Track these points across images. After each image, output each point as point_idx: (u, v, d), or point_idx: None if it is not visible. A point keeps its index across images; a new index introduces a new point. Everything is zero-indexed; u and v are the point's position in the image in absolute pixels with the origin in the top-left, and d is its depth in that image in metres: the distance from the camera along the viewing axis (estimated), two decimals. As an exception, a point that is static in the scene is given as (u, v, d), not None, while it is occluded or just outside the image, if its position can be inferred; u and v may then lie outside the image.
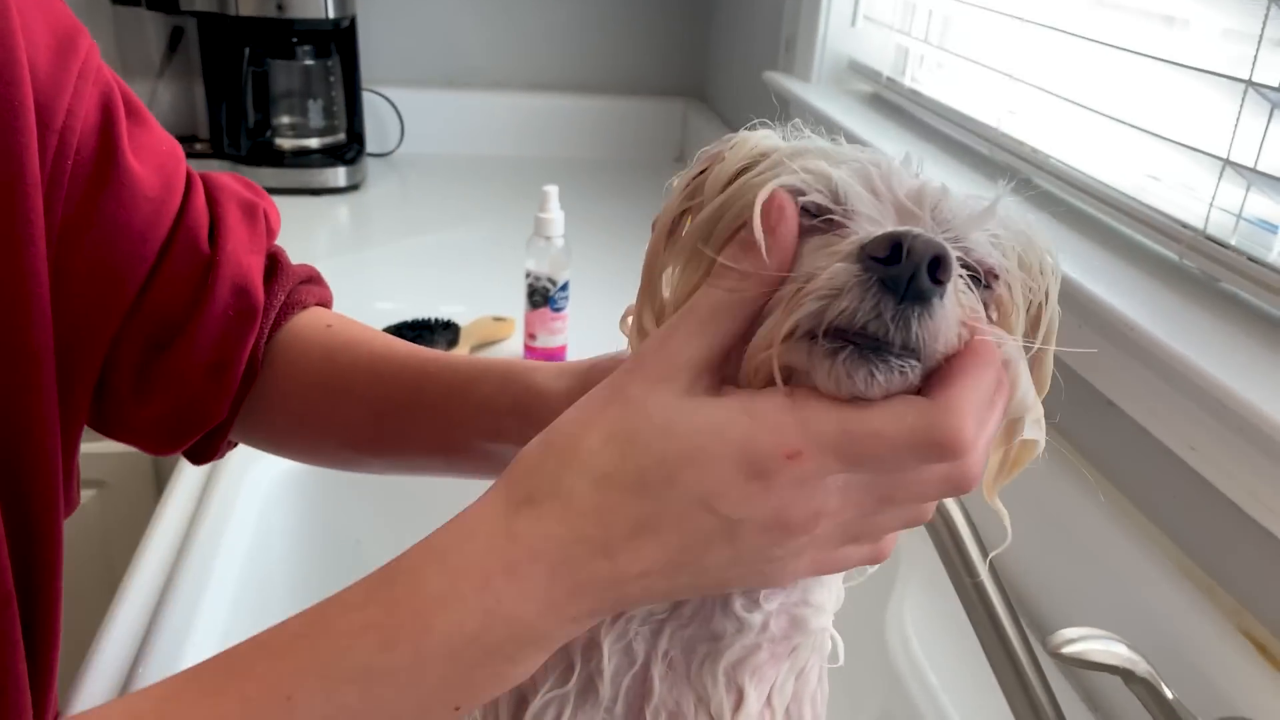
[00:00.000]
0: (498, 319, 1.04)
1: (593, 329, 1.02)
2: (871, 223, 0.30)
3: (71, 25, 0.43)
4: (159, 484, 1.12)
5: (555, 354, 0.97)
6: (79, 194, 0.41)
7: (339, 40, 1.43)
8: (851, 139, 0.97)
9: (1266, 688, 0.49)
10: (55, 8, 0.42)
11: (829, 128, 0.95)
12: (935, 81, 1.03)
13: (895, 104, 1.09)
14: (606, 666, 0.34)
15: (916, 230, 0.28)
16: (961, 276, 0.31)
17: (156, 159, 0.45)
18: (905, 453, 0.29)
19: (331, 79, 1.44)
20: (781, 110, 1.16)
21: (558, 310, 0.96)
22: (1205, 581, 0.56)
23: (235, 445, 0.51)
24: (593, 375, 0.43)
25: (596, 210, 1.32)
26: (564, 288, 0.96)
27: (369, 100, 1.53)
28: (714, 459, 0.29)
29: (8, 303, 0.39)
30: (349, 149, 1.46)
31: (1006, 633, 0.44)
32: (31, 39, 0.40)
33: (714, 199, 0.34)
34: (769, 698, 0.34)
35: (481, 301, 1.07)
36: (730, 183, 0.34)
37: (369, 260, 1.26)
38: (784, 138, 0.36)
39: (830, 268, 0.29)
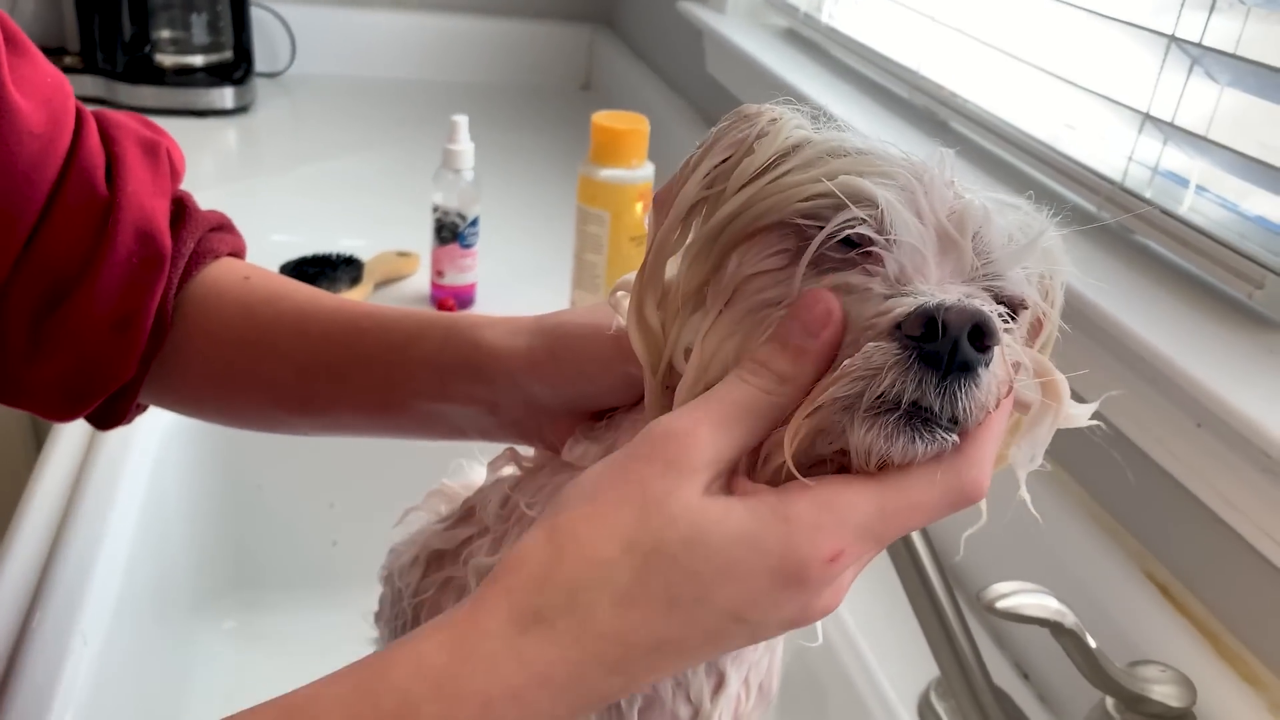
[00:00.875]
0: (401, 254, 1.00)
1: (501, 265, 0.99)
2: (914, 254, 0.29)
3: None
4: (38, 437, 1.06)
5: (464, 292, 0.94)
6: None
7: (223, -52, 1.33)
8: (768, 78, 0.95)
9: (1170, 629, 0.51)
10: None
11: (743, 63, 0.93)
12: (853, 19, 1.02)
13: (812, 40, 1.07)
14: None
15: (949, 302, 0.27)
16: (1000, 315, 0.29)
17: (42, 92, 0.41)
18: (938, 513, 0.28)
19: (215, -11, 1.34)
20: (694, 42, 1.12)
21: (467, 247, 0.93)
22: (1111, 525, 0.58)
23: (145, 409, 0.47)
24: (560, 336, 0.40)
25: (501, 139, 1.28)
26: (474, 223, 0.92)
27: (258, 16, 1.43)
28: (750, 573, 0.27)
29: None
30: (236, 68, 1.36)
31: (934, 588, 0.44)
32: None
33: (737, 193, 0.31)
34: (746, 677, 0.34)
35: (384, 235, 1.02)
36: (755, 177, 0.31)
37: (260, 189, 1.19)
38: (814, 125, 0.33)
39: (865, 349, 0.27)
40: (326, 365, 0.43)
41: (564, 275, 0.91)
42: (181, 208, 0.45)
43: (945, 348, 0.26)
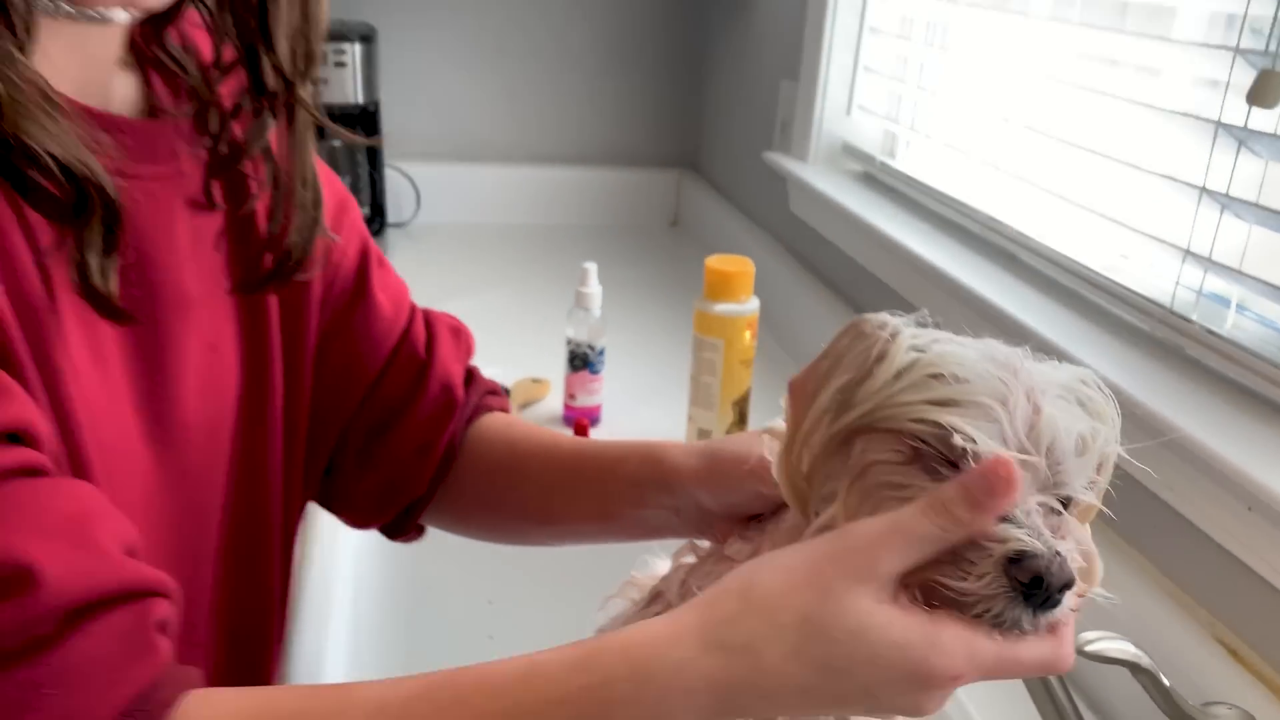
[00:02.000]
0: (535, 380, 1.14)
1: (622, 387, 1.13)
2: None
3: (344, 195, 0.57)
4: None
5: (592, 412, 1.08)
6: (338, 310, 0.54)
7: (364, 121, 1.54)
8: (847, 216, 1.07)
9: (1238, 681, 0.60)
10: (334, 182, 0.56)
11: (825, 205, 1.06)
12: (922, 165, 1.16)
13: (887, 183, 1.21)
14: None
15: (1052, 567, 0.38)
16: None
17: (392, 292, 0.59)
18: (1034, 673, 0.39)
19: (357, 157, 1.55)
20: (779, 185, 1.27)
21: (595, 373, 1.07)
22: (1185, 599, 0.67)
23: (424, 532, 0.62)
24: (719, 459, 0.53)
25: (603, 274, 1.43)
26: (601, 353, 1.06)
27: (388, 174, 1.64)
28: (892, 668, 0.37)
29: (264, 389, 0.51)
30: (373, 222, 1.56)
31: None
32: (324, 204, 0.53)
33: (860, 405, 0.41)
34: None
35: (515, 363, 1.17)
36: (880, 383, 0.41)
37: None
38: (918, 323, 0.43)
39: (983, 578, 0.38)
40: (561, 487, 0.58)
41: (680, 396, 1.04)
42: (471, 374, 0.62)
43: (1042, 596, 0.38)
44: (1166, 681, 0.51)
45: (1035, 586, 0.37)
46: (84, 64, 0.47)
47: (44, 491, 0.38)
